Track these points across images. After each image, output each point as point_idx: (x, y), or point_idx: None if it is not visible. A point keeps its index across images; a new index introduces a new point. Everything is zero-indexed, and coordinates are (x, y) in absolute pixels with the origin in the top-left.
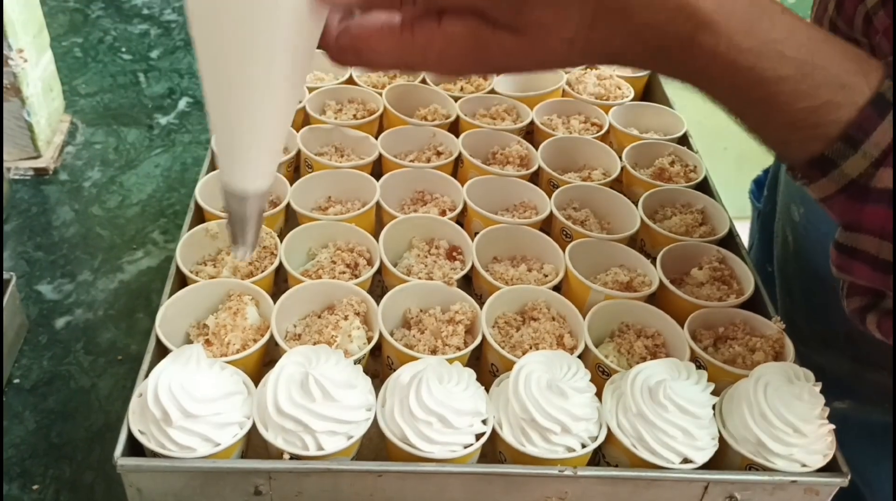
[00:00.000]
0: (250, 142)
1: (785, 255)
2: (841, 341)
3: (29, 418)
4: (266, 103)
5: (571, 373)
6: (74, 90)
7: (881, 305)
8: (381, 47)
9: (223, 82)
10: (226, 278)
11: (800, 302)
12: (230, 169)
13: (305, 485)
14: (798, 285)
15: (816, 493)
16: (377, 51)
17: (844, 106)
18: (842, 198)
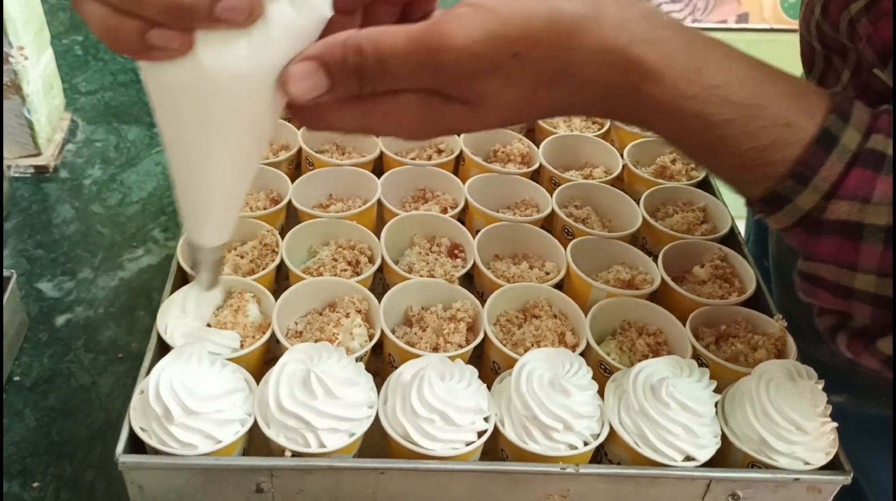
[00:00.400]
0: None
1: (780, 250)
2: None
3: (29, 415)
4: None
5: (573, 371)
6: (75, 88)
7: (849, 324)
8: (342, 115)
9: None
10: (227, 275)
11: (795, 296)
12: (190, 227)
13: (307, 483)
14: (793, 280)
15: (819, 491)
16: (339, 118)
17: (791, 144)
18: (798, 230)
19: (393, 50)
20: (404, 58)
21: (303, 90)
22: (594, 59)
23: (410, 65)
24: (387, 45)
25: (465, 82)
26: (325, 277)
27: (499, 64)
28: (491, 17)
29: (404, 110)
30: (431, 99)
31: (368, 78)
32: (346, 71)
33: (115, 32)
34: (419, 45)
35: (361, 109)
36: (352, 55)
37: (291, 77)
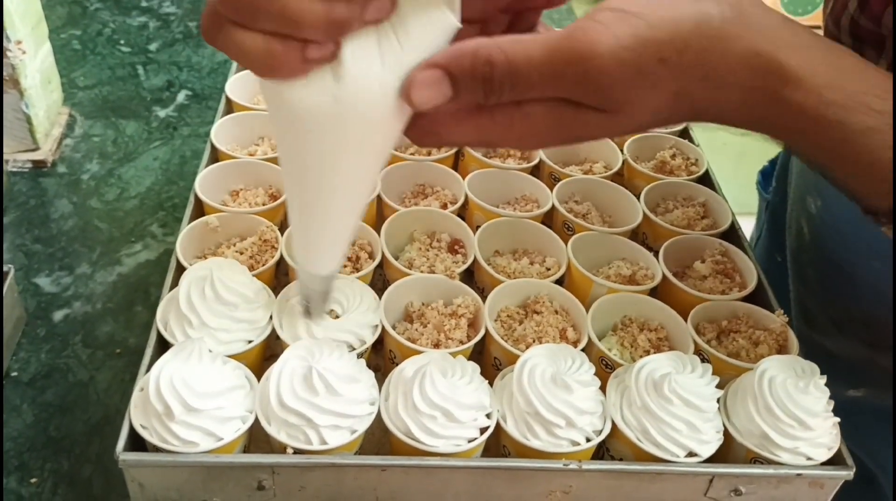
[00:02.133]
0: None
1: (800, 245)
2: (857, 326)
3: (27, 411)
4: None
5: (576, 367)
6: (73, 83)
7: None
8: (458, 129)
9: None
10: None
11: (815, 290)
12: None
13: (309, 480)
14: (813, 274)
15: (821, 486)
16: (455, 132)
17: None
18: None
19: (527, 60)
20: (539, 68)
21: (426, 98)
22: (739, 65)
23: (547, 75)
24: (520, 55)
25: (607, 90)
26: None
27: (645, 70)
28: (639, 22)
29: (529, 120)
30: (561, 108)
31: (496, 88)
32: (473, 81)
33: (276, 58)
34: (559, 54)
35: (479, 122)
36: (481, 65)
37: (416, 85)
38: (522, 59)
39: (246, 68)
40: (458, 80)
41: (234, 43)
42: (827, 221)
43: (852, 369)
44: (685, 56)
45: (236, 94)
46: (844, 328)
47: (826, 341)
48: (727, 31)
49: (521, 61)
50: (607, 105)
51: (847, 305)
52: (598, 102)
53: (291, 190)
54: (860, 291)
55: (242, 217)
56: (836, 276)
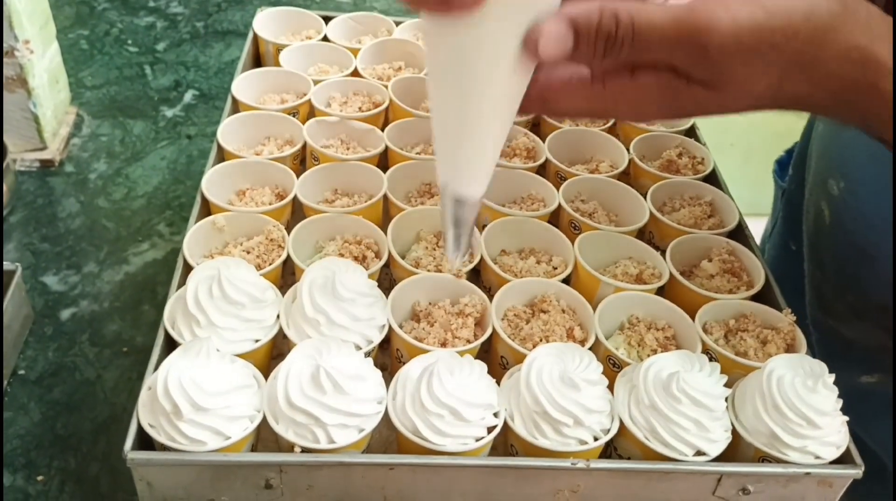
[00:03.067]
0: (481, 156)
1: (818, 229)
2: (875, 312)
3: (34, 409)
4: (497, 123)
5: (584, 365)
6: (80, 82)
7: None
8: (569, 98)
9: (456, 119)
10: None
11: (832, 275)
12: (460, 180)
13: (316, 478)
14: (832, 258)
15: (830, 485)
16: (565, 101)
17: None
18: None
19: (650, 23)
20: (661, 33)
21: (549, 48)
22: (840, 56)
23: (666, 41)
24: (644, 18)
25: (720, 66)
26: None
27: (757, 52)
28: (756, 7)
29: (640, 91)
30: (673, 80)
31: (616, 46)
32: (596, 36)
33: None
34: (680, 23)
35: (591, 92)
36: (607, 20)
37: (544, 34)
38: (646, 21)
39: (421, 6)
40: (581, 33)
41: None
42: (850, 202)
43: (867, 355)
44: (793, 43)
45: (242, 94)
46: (862, 314)
47: (842, 327)
48: (833, 24)
49: (645, 24)
50: (716, 81)
51: (866, 289)
52: (708, 76)
53: (443, 111)
54: (881, 274)
55: (249, 216)
56: (856, 259)
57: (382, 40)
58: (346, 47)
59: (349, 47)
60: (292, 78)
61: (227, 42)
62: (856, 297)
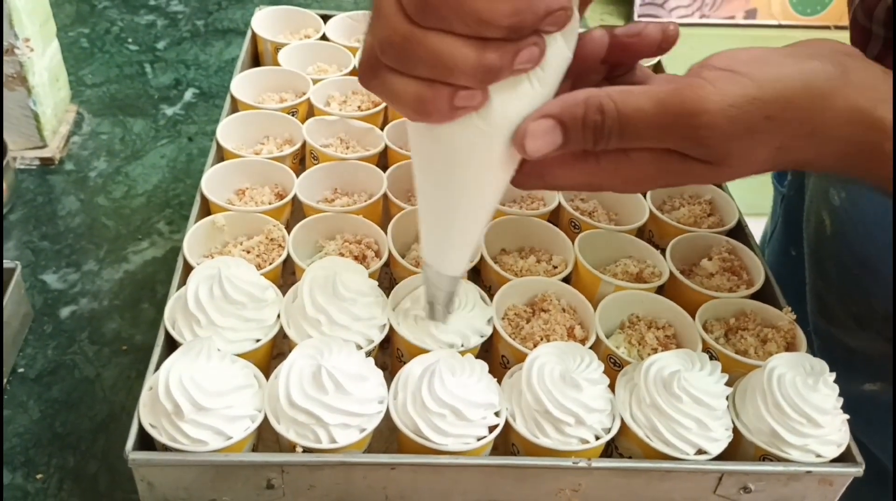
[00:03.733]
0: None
1: (820, 238)
2: (878, 321)
3: (33, 407)
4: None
5: (585, 365)
6: (81, 80)
7: None
8: (565, 174)
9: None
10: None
11: (835, 284)
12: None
13: (318, 478)
14: (834, 267)
15: (831, 484)
16: (561, 177)
17: None
18: None
19: (637, 111)
20: (649, 119)
21: (538, 147)
22: (842, 120)
23: (656, 126)
24: (630, 106)
25: (714, 145)
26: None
27: (751, 127)
28: (746, 81)
29: (634, 167)
30: (666, 156)
31: (605, 137)
32: (584, 129)
33: (428, 102)
34: (668, 107)
35: (584, 167)
36: (592, 114)
37: (530, 134)
38: (632, 109)
39: (398, 112)
40: (568, 128)
41: (389, 88)
42: (852, 213)
43: (870, 363)
44: (789, 113)
45: (241, 93)
46: (865, 323)
47: (844, 335)
48: (830, 89)
49: (631, 112)
50: (713, 158)
51: (868, 299)
52: (705, 154)
53: (430, 205)
54: (883, 285)
55: (249, 216)
56: (858, 270)
57: None
58: (344, 46)
59: (348, 46)
60: (291, 77)
61: (227, 40)
62: (859, 307)
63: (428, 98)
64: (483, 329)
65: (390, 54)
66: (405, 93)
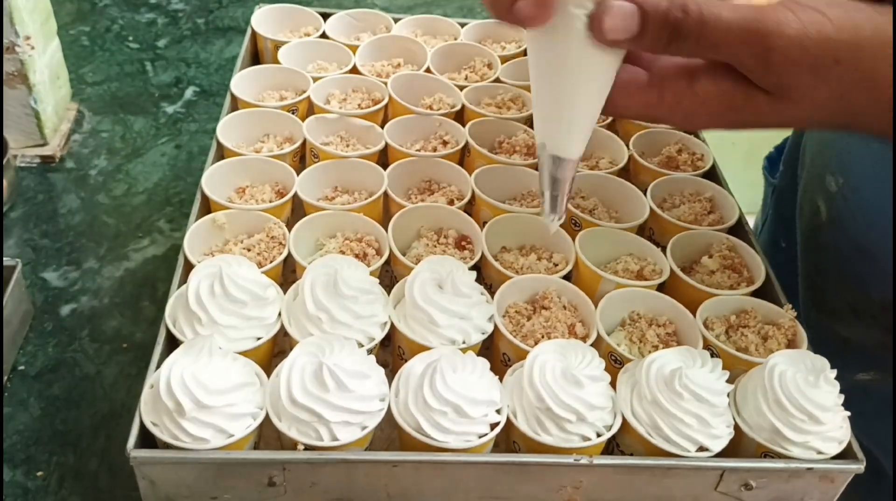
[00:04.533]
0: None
1: (814, 226)
2: (876, 310)
3: (34, 404)
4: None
5: (586, 362)
6: (81, 78)
7: None
8: (626, 102)
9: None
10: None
11: (830, 273)
12: (559, 141)
13: (320, 476)
14: (830, 257)
15: (832, 480)
16: (622, 102)
17: None
18: None
19: (718, 19)
20: (728, 30)
21: (613, 26)
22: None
23: (732, 38)
24: (713, 14)
25: (782, 71)
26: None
27: (821, 64)
28: (825, 20)
29: (697, 99)
30: (733, 88)
31: (682, 38)
32: (663, 24)
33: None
34: (750, 23)
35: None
36: (675, 10)
37: (610, 13)
38: (714, 17)
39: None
40: (648, 19)
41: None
42: (850, 199)
43: (864, 353)
44: (856, 61)
45: (241, 91)
46: (861, 312)
47: (838, 325)
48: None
49: (713, 19)
50: (777, 87)
51: (867, 287)
52: (770, 81)
53: (549, 92)
54: (882, 273)
55: (250, 214)
56: (856, 257)
57: (381, 37)
58: (344, 44)
59: (348, 44)
60: (291, 75)
61: (228, 38)
62: (855, 295)
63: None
64: (484, 327)
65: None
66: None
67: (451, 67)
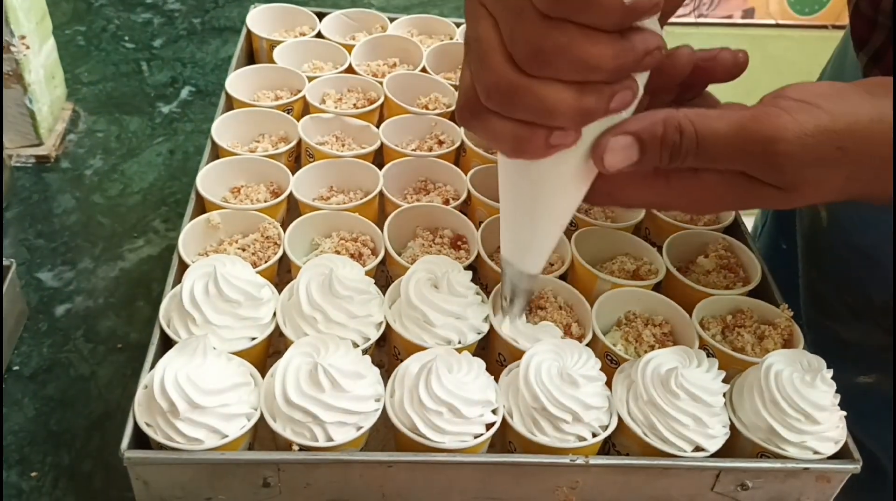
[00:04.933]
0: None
1: (815, 230)
2: (876, 312)
3: (28, 405)
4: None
5: (582, 362)
6: (77, 78)
7: None
8: (634, 192)
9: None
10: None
11: (831, 275)
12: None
13: (314, 477)
14: (830, 259)
15: (828, 480)
16: (630, 195)
17: None
18: None
19: (714, 133)
20: (726, 142)
21: (615, 161)
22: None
23: (732, 149)
24: (709, 128)
25: (788, 171)
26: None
27: (824, 156)
28: (820, 112)
29: (704, 188)
30: (737, 179)
31: (681, 155)
32: (661, 147)
33: (526, 142)
34: (747, 132)
35: (654, 186)
36: (671, 133)
37: (610, 149)
38: (710, 131)
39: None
40: (646, 145)
41: (490, 129)
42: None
43: (864, 355)
44: (860, 145)
45: (236, 90)
46: (862, 314)
47: (839, 327)
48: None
49: (709, 133)
50: (785, 184)
51: (868, 290)
52: (777, 180)
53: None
54: (883, 275)
55: (244, 214)
56: (856, 260)
57: (377, 37)
58: (340, 44)
59: (343, 44)
60: (286, 74)
61: (224, 38)
62: (855, 298)
63: (526, 138)
64: (480, 327)
65: (496, 100)
66: (505, 134)
67: (446, 67)
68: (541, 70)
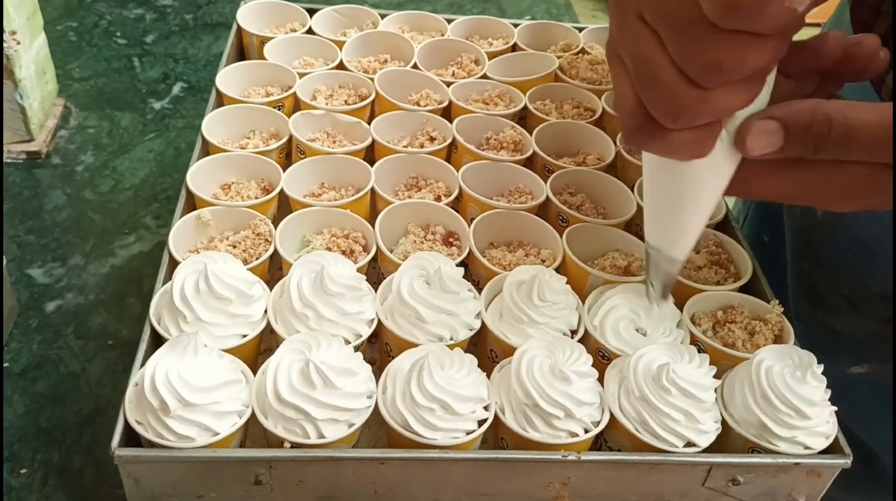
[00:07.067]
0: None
1: (808, 222)
2: (873, 302)
3: (18, 402)
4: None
5: (574, 358)
6: (68, 74)
7: None
8: (772, 181)
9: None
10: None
11: (827, 268)
12: (673, 248)
13: (306, 474)
14: (826, 251)
15: (819, 475)
16: (768, 185)
17: None
18: None
19: (863, 124)
20: (877, 134)
21: (758, 145)
22: None
23: (881, 141)
24: (859, 119)
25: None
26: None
27: None
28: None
29: (847, 180)
30: (884, 172)
31: (827, 147)
32: (806, 136)
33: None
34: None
35: (795, 176)
36: (818, 123)
37: (753, 131)
38: (859, 122)
39: (669, 157)
40: (792, 132)
41: (670, 144)
42: None
43: (857, 345)
44: None
45: (227, 87)
46: (858, 305)
47: (832, 318)
48: None
49: (858, 124)
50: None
51: (867, 281)
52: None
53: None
54: (883, 266)
55: (235, 211)
56: (855, 252)
57: (368, 33)
58: (331, 40)
59: (334, 40)
60: (277, 71)
61: (216, 34)
62: (852, 288)
63: (706, 139)
64: (472, 323)
65: (682, 122)
66: (685, 143)
67: (438, 64)
68: (716, 83)
